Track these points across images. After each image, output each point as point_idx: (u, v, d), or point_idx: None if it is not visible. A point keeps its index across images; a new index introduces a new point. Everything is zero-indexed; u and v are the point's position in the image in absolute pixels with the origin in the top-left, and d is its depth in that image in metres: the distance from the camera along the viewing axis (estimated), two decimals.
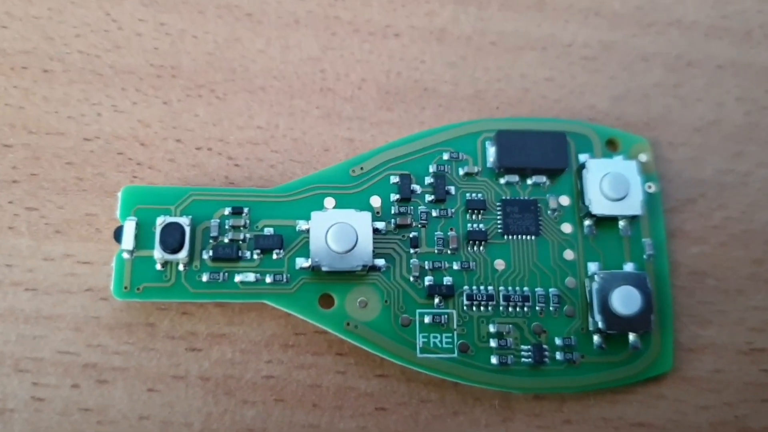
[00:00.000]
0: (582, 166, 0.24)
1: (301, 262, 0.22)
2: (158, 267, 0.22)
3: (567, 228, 0.24)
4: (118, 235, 0.22)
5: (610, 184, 0.23)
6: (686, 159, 0.26)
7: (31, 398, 0.22)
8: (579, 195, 0.24)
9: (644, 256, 0.24)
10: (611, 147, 0.25)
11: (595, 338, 0.23)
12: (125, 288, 0.22)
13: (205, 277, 0.22)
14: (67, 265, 0.23)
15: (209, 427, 0.22)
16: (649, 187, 0.24)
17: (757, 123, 0.26)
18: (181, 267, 0.22)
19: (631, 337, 0.23)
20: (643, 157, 0.25)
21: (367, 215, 0.22)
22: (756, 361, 0.24)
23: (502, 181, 0.24)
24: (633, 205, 0.23)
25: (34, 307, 0.23)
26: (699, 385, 0.23)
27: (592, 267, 0.23)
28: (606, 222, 0.24)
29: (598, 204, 0.23)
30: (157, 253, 0.22)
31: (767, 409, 0.23)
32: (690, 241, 0.25)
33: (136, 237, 0.22)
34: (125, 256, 0.22)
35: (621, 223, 0.24)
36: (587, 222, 0.24)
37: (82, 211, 0.24)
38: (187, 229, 0.22)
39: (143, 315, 0.23)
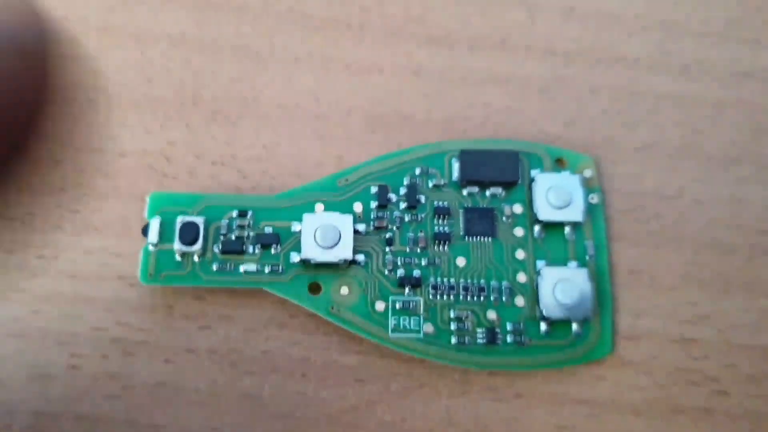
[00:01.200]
0: (532, 180, 0.26)
1: (295, 256, 0.24)
2: (177, 258, 0.24)
3: (519, 232, 0.25)
4: (145, 230, 0.25)
5: (555, 194, 0.26)
6: (627, 175, 0.27)
7: (68, 366, 0.24)
8: (530, 204, 0.26)
9: (586, 257, 0.25)
10: (560, 164, 0.27)
11: (542, 325, 0.24)
12: (150, 275, 0.24)
13: (215, 267, 0.24)
14: (102, 257, 0.26)
15: (215, 392, 0.24)
16: (592, 198, 0.27)
17: (691, 144, 0.29)
18: (196, 258, 0.24)
19: (574, 325, 0.25)
20: (588, 173, 0.27)
21: (349, 218, 0.24)
22: (686, 349, 0.26)
23: (464, 192, 0.26)
24: (575, 213, 0.26)
25: (73, 291, 0.25)
26: (635, 369, 0.25)
27: (540, 264, 0.25)
28: (553, 227, 0.26)
29: (545, 211, 0.26)
30: (177, 246, 0.24)
31: (695, 390, 0.25)
32: (629, 244, 0.26)
33: (160, 233, 0.24)
34: (151, 248, 0.24)
35: (566, 229, 0.26)
36: (536, 227, 0.25)
37: (116, 213, 0.26)
38: (201, 227, 0.24)
39: (163, 298, 0.25)
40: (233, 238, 0.25)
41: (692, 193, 0.28)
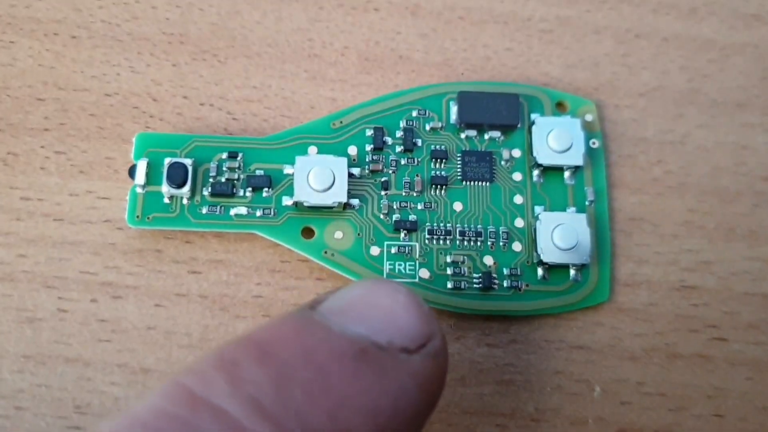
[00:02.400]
0: (532, 123, 0.26)
1: (287, 200, 0.24)
2: (165, 200, 0.24)
3: (517, 176, 0.25)
4: (132, 172, 0.25)
5: (555, 138, 0.26)
6: (630, 120, 0.27)
7: (57, 310, 0.24)
8: (529, 148, 0.26)
9: (586, 202, 0.25)
10: (560, 108, 0.26)
11: (539, 270, 0.24)
12: (137, 217, 0.24)
13: (204, 210, 0.24)
14: (89, 200, 0.25)
15: (206, 337, 0.24)
16: (593, 143, 0.27)
17: (697, 89, 0.28)
18: (184, 201, 0.24)
19: (571, 270, 0.25)
20: (589, 117, 0.27)
21: (343, 160, 0.24)
22: (686, 297, 0.26)
23: (462, 135, 0.26)
24: (575, 157, 0.25)
25: (60, 235, 0.25)
26: (634, 316, 0.25)
27: (538, 210, 0.25)
28: (552, 172, 0.26)
29: (545, 155, 0.26)
30: (165, 188, 0.24)
31: (694, 337, 0.25)
32: (630, 191, 0.26)
33: (147, 175, 0.24)
34: (138, 190, 0.24)
35: (566, 173, 0.26)
36: (535, 171, 0.25)
37: (102, 155, 0.26)
38: (190, 169, 0.24)
39: (152, 242, 0.25)
40: (223, 180, 0.24)
41: (696, 140, 0.28)
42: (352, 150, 0.25)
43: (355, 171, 0.25)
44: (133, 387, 0.24)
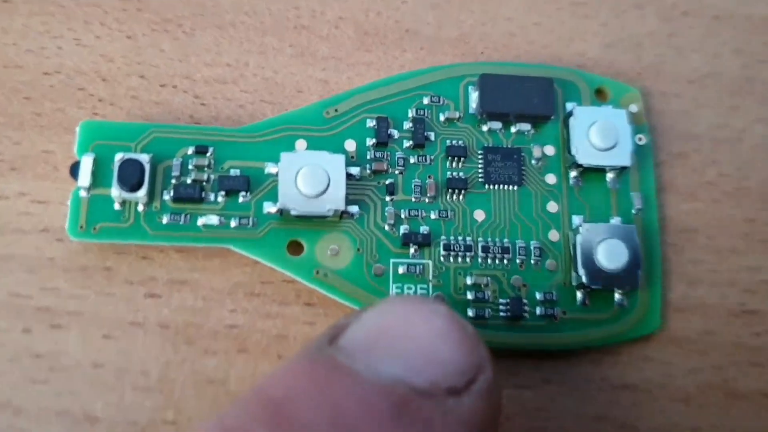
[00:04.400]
0: (569, 114, 0.23)
1: (269, 206, 0.21)
2: (116, 206, 0.21)
3: (551, 179, 0.23)
4: (74, 171, 0.21)
5: (599, 133, 0.22)
6: (679, 111, 0.24)
7: None
8: (565, 144, 0.23)
9: (632, 211, 0.22)
10: (600, 96, 0.24)
11: (578, 294, 0.22)
12: (81, 227, 0.21)
13: (165, 219, 0.21)
14: (21, 204, 0.22)
15: (167, 376, 0.21)
16: (640, 139, 0.23)
17: (754, 77, 0.25)
18: (140, 207, 0.21)
19: (617, 294, 0.22)
20: (634, 108, 0.23)
21: (340, 158, 0.21)
22: (747, 323, 0.23)
23: (484, 128, 0.23)
24: (622, 156, 0.22)
25: None
26: (687, 347, 0.22)
27: (577, 220, 0.22)
28: (593, 173, 0.23)
29: (585, 153, 0.22)
30: (115, 191, 0.21)
31: (757, 372, 0.22)
32: (681, 197, 0.24)
33: (94, 174, 0.21)
34: (82, 193, 0.21)
35: (609, 175, 0.23)
36: (573, 173, 0.23)
37: (39, 147, 0.22)
38: (147, 167, 0.21)
39: (100, 258, 0.22)
40: (189, 181, 0.21)
41: (755, 136, 0.25)
42: (350, 145, 0.22)
43: (354, 171, 0.22)
44: None
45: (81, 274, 0.21)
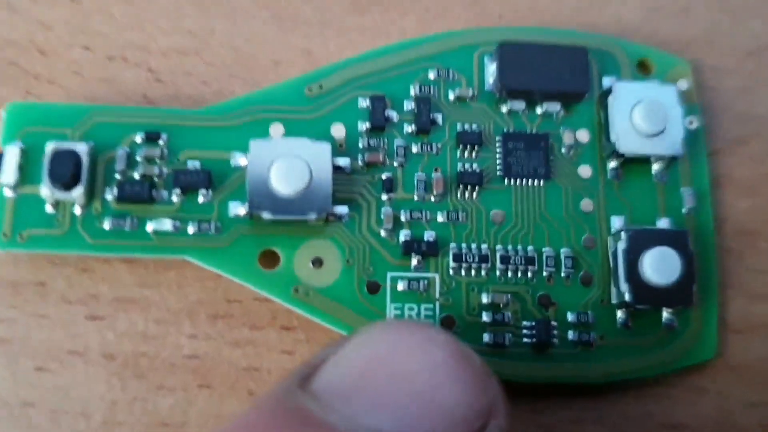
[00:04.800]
0: (607, 92, 0.20)
1: (236, 208, 0.19)
2: (48, 209, 0.19)
3: (585, 171, 0.21)
4: None
5: (644, 115, 0.20)
6: (736, 89, 0.23)
7: None
8: (602, 129, 0.20)
9: (683, 210, 0.20)
10: (643, 70, 0.22)
11: (619, 314, 0.20)
12: (5, 235, 0.19)
13: (107, 224, 0.19)
14: None
15: (113, 419, 0.19)
16: (690, 122, 0.21)
17: None
18: (77, 210, 0.19)
19: (665, 313, 0.19)
20: (683, 84, 0.21)
21: (325, 147, 0.19)
22: None
23: (504, 108, 0.21)
24: (672, 143, 0.20)
25: None
26: (748, 377, 0.21)
27: (617, 222, 0.20)
28: (635, 165, 0.20)
29: (628, 140, 0.20)
30: (45, 190, 0.19)
31: None
32: (739, 192, 0.22)
33: (21, 168, 0.19)
34: (6, 193, 0.19)
35: (655, 167, 0.20)
36: (612, 164, 0.21)
37: None
38: (85, 159, 0.19)
39: (32, 271, 0.20)
40: (136, 177, 0.20)
41: None
42: (338, 130, 0.20)
43: (343, 163, 0.20)
44: None
45: (9, 292, 0.20)
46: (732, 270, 0.21)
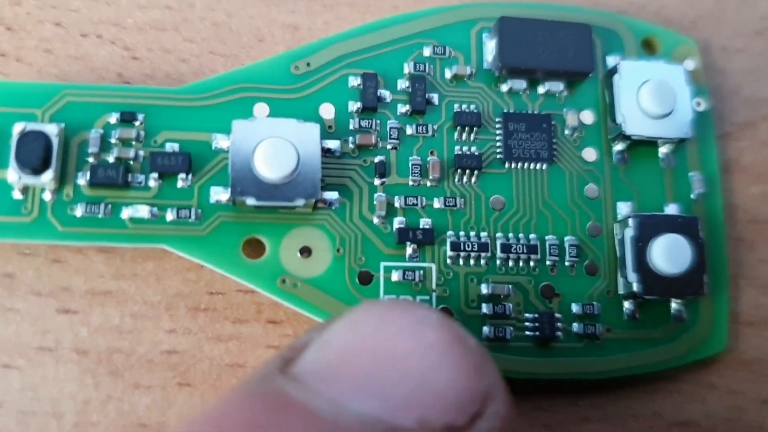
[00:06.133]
0: (612, 71, 0.20)
1: (218, 193, 0.18)
2: (16, 195, 0.18)
3: (590, 155, 0.20)
4: None
5: (652, 95, 0.19)
6: (745, 70, 0.22)
7: None
8: (607, 110, 0.20)
9: (692, 196, 0.20)
10: (649, 49, 0.21)
11: (626, 305, 0.19)
12: None
13: (79, 211, 0.18)
14: None
15: (86, 419, 0.18)
16: (698, 104, 0.20)
17: None
18: (47, 196, 0.18)
19: (674, 304, 0.19)
20: (690, 64, 0.21)
21: (314, 128, 0.18)
22: None
23: (504, 87, 0.20)
24: (680, 125, 0.19)
25: None
26: (761, 371, 0.20)
27: (624, 208, 0.19)
28: (642, 148, 0.20)
29: (635, 122, 0.19)
30: (12, 174, 0.18)
31: None
32: (749, 178, 0.21)
33: None
34: None
35: (662, 150, 0.20)
36: (618, 146, 0.20)
37: None
38: (55, 141, 0.18)
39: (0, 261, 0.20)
40: (111, 160, 0.19)
41: None
42: (327, 111, 0.19)
43: (333, 145, 0.19)
44: None
45: None
46: (743, 260, 0.20)
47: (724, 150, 0.21)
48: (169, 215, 0.18)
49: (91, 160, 0.18)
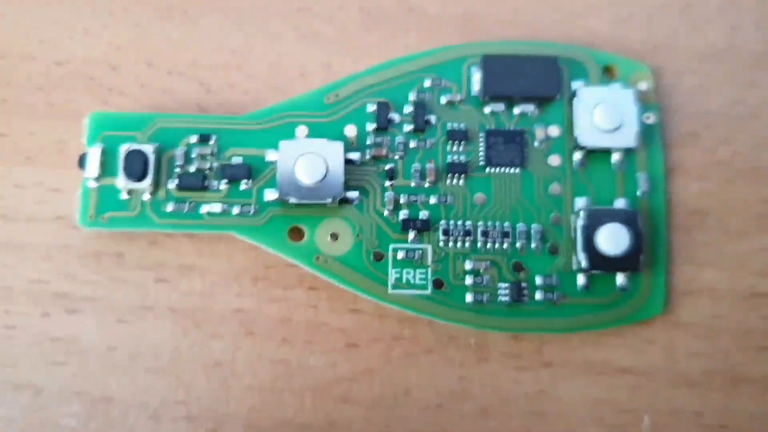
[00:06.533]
0: (574, 94, 0.22)
1: (270, 193, 0.21)
2: (123, 196, 0.21)
3: (555, 160, 0.22)
4: (82, 162, 0.21)
5: (603, 114, 0.22)
6: (692, 88, 0.24)
7: (3, 326, 0.22)
8: (569, 125, 0.22)
9: (638, 193, 0.22)
10: (609, 74, 0.23)
11: (580, 278, 0.21)
12: (90, 217, 0.21)
13: (170, 207, 0.21)
14: (37, 193, 0.23)
15: (177, 358, 0.21)
16: (648, 117, 0.22)
17: None
18: (146, 196, 0.21)
19: (619, 277, 0.21)
20: (643, 86, 0.23)
21: (339, 145, 0.21)
22: (757, 306, 0.22)
23: (486, 110, 0.22)
24: (627, 137, 0.22)
25: (3, 235, 0.22)
26: (693, 331, 0.22)
27: (580, 202, 0.22)
28: (598, 155, 0.22)
29: (588, 135, 0.22)
30: (121, 181, 0.21)
31: (765, 357, 0.22)
32: (691, 178, 0.23)
33: (102, 164, 0.21)
34: (90, 184, 0.21)
35: (614, 156, 0.22)
36: (577, 154, 0.22)
37: (52, 137, 0.23)
38: (151, 157, 0.21)
39: (113, 244, 0.22)
40: (192, 170, 0.22)
41: None
42: (350, 130, 0.22)
43: (354, 157, 0.21)
44: (93, 419, 0.21)
45: (94, 260, 0.22)
46: (682, 243, 0.22)
47: (671, 155, 0.23)
48: (235, 210, 0.21)
49: (177, 170, 0.21)
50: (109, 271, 0.22)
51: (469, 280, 0.21)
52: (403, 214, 0.21)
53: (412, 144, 0.22)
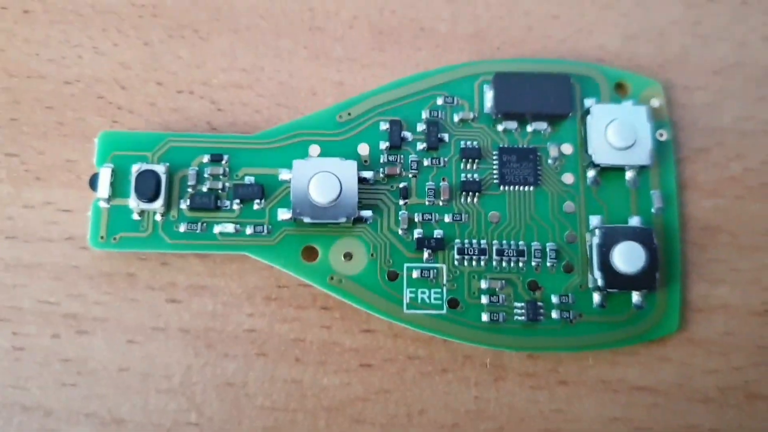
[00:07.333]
0: (587, 112, 0.22)
1: (283, 213, 0.21)
2: (135, 216, 0.21)
3: (568, 178, 0.22)
4: (93, 182, 0.21)
5: (616, 132, 0.22)
6: (703, 104, 0.24)
7: (12, 347, 0.21)
8: (583, 143, 0.22)
9: (652, 210, 0.22)
10: (620, 91, 0.23)
11: (595, 296, 0.21)
12: (101, 238, 0.21)
13: (182, 228, 0.21)
14: (47, 213, 0.22)
15: (189, 379, 0.21)
16: (660, 134, 0.23)
17: None
18: (158, 217, 0.21)
19: (635, 295, 0.21)
20: (655, 102, 0.23)
21: (352, 164, 0.21)
22: None
23: (499, 128, 0.22)
24: (641, 155, 0.22)
25: (13, 256, 0.22)
26: (707, 348, 0.22)
27: (594, 220, 0.22)
28: (612, 172, 0.22)
29: (602, 153, 0.22)
30: (133, 202, 0.21)
31: None
32: (703, 194, 0.23)
33: (113, 185, 0.21)
34: (101, 204, 0.21)
35: (628, 174, 0.22)
36: (590, 172, 0.22)
37: (62, 157, 0.23)
38: (163, 177, 0.21)
39: (123, 264, 0.22)
40: (204, 190, 0.21)
41: None
42: (363, 149, 0.22)
43: (367, 175, 0.22)
44: None
45: (105, 281, 0.22)
46: (695, 260, 0.22)
47: (683, 171, 0.23)
48: (248, 230, 0.21)
49: (190, 190, 0.21)
50: (119, 291, 0.22)
51: (484, 300, 0.21)
52: (417, 232, 0.22)
53: (426, 162, 0.22)
